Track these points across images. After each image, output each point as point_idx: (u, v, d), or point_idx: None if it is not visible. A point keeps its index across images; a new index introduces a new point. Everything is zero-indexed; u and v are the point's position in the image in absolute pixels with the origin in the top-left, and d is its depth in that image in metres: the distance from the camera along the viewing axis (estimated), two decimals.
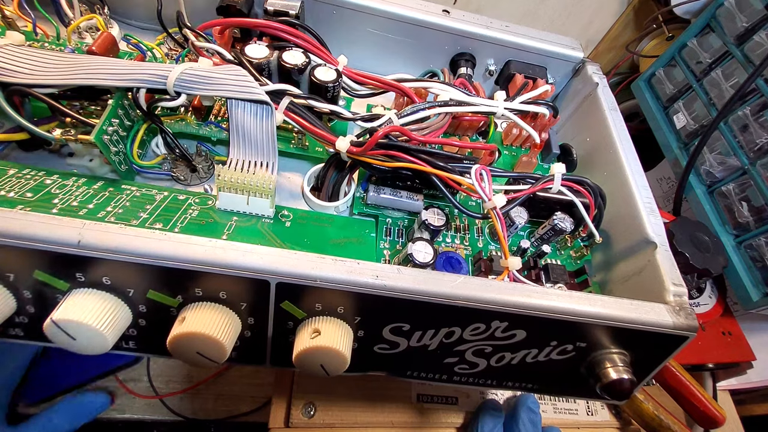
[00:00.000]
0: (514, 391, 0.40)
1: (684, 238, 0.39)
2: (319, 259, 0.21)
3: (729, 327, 0.47)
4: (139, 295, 0.21)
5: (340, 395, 0.41)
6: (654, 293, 0.26)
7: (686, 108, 0.49)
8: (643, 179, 0.31)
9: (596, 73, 0.38)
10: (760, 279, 0.40)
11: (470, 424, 0.41)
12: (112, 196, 0.26)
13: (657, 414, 0.41)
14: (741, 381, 0.48)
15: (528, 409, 0.39)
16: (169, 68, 0.26)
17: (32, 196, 0.24)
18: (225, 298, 0.22)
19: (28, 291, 0.21)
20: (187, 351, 0.21)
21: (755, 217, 0.41)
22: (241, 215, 0.27)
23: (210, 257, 0.20)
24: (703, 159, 0.46)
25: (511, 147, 0.38)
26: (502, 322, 0.23)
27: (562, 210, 0.30)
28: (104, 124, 0.25)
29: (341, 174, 0.29)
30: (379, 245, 0.29)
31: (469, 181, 0.26)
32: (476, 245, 0.31)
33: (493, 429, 0.38)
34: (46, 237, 0.19)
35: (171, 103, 0.26)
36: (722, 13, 0.46)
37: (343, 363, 0.22)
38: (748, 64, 0.43)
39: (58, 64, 0.26)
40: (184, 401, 0.48)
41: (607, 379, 0.25)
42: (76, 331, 0.20)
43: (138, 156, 0.28)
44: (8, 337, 0.23)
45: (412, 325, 0.23)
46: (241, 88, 0.26)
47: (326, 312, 0.23)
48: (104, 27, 0.31)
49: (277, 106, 0.27)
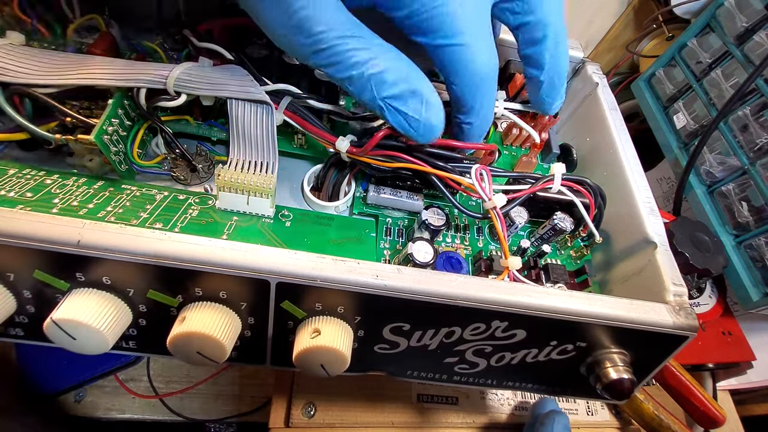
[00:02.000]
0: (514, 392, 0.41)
1: (684, 238, 0.39)
2: (319, 258, 0.21)
3: (729, 327, 0.47)
4: (139, 295, 0.21)
5: (340, 395, 0.41)
6: (654, 293, 0.26)
7: (686, 108, 0.49)
8: (643, 179, 0.31)
9: (596, 73, 0.38)
10: (760, 279, 0.40)
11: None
12: (112, 196, 0.26)
13: (657, 414, 0.41)
14: (741, 381, 0.48)
15: (557, 413, 0.38)
16: (169, 68, 0.26)
17: (32, 196, 0.24)
18: (225, 297, 0.22)
19: (28, 291, 0.21)
20: (188, 351, 0.21)
21: (755, 217, 0.41)
22: (241, 215, 0.27)
23: (210, 257, 0.20)
24: (703, 159, 0.46)
25: (511, 147, 0.38)
26: (502, 322, 0.23)
27: (562, 210, 0.30)
28: (104, 123, 0.25)
29: (341, 174, 0.29)
30: (379, 245, 0.29)
31: (469, 181, 0.26)
32: (476, 245, 0.31)
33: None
34: (46, 237, 0.19)
35: (171, 103, 0.26)
36: (722, 13, 0.46)
37: (344, 363, 0.22)
38: (748, 64, 0.43)
39: (58, 64, 0.26)
40: (184, 401, 0.48)
41: (607, 379, 0.25)
42: (76, 330, 0.20)
43: (138, 156, 0.28)
44: (8, 337, 0.23)
45: (412, 324, 0.23)
46: (241, 88, 0.26)
47: (326, 312, 0.23)
48: (104, 27, 0.31)
49: (277, 106, 0.27)
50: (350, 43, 0.21)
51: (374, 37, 0.22)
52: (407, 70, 0.22)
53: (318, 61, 0.22)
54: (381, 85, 0.22)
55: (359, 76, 0.22)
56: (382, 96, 0.22)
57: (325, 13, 0.21)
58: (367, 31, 0.22)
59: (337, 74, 0.22)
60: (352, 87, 0.22)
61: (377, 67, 0.21)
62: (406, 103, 0.22)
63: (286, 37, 0.22)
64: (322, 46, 0.21)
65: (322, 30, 0.21)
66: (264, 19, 0.22)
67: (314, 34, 0.21)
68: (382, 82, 0.22)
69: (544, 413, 0.38)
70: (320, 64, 0.22)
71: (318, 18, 0.21)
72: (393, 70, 0.22)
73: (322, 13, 0.21)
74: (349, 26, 0.21)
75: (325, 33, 0.21)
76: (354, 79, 0.22)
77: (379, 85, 0.22)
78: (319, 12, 0.21)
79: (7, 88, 0.25)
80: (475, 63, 0.23)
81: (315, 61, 0.22)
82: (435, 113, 0.23)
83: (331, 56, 0.21)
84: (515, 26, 0.25)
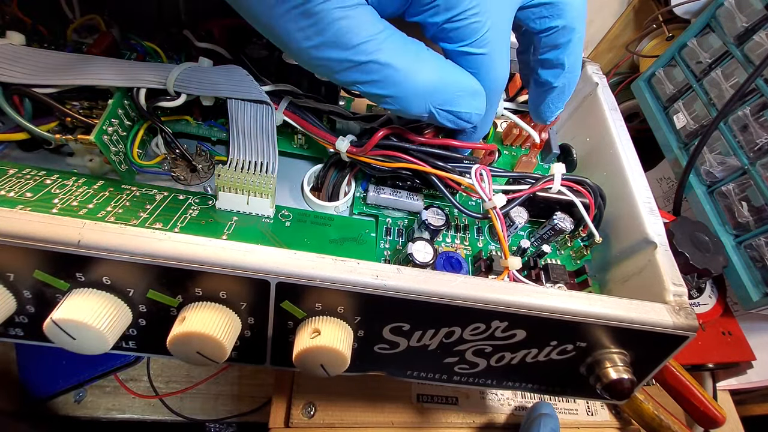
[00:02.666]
0: (514, 392, 0.41)
1: (684, 238, 0.39)
2: (319, 258, 0.21)
3: (729, 327, 0.47)
4: (139, 295, 0.21)
5: (340, 395, 0.41)
6: (654, 293, 0.26)
7: (686, 108, 0.49)
8: (643, 179, 0.31)
9: (596, 73, 0.38)
10: (760, 279, 0.40)
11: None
12: (112, 196, 0.26)
13: (657, 414, 0.41)
14: (741, 381, 0.48)
15: (547, 416, 0.38)
16: (169, 68, 0.26)
17: (32, 196, 0.24)
18: (225, 297, 0.22)
19: (28, 291, 0.21)
20: (188, 351, 0.21)
21: (755, 217, 0.41)
22: (241, 215, 0.27)
23: (210, 257, 0.20)
24: (703, 159, 0.46)
25: (511, 147, 0.38)
26: (502, 322, 0.23)
27: (562, 210, 0.30)
28: (104, 124, 0.25)
29: (341, 174, 0.29)
30: (379, 245, 0.29)
31: (469, 181, 0.26)
32: (476, 245, 0.31)
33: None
34: (46, 237, 0.19)
35: (171, 103, 0.26)
36: (722, 13, 0.46)
37: (344, 363, 0.22)
38: (748, 64, 0.43)
39: (58, 64, 0.26)
40: (184, 401, 0.48)
41: (607, 379, 0.25)
42: (76, 330, 0.20)
43: (138, 156, 0.28)
44: (8, 337, 0.23)
45: (412, 324, 0.23)
46: (240, 88, 0.26)
47: (326, 312, 0.23)
48: (104, 27, 0.31)
49: (276, 106, 0.27)
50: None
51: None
52: (450, 68, 0.22)
53: (353, 77, 0.20)
54: (433, 95, 0.21)
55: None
56: (435, 105, 0.21)
57: (365, 23, 0.19)
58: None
59: (375, 91, 0.20)
60: (397, 105, 0.21)
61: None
62: (459, 103, 0.22)
63: (316, 50, 0.19)
64: (363, 59, 0.19)
65: (362, 41, 0.19)
66: (282, 31, 0.19)
67: (353, 46, 0.19)
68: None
69: (535, 415, 0.38)
70: (356, 80, 0.20)
71: (358, 28, 0.19)
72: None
73: (361, 23, 0.19)
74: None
75: (365, 44, 0.19)
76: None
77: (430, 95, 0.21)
78: (358, 22, 0.19)
79: (8, 88, 0.25)
80: (492, 73, 0.23)
81: (349, 78, 0.20)
82: (481, 101, 0.23)
83: (371, 72, 0.20)
84: (539, 30, 0.25)
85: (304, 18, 0.18)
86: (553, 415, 0.39)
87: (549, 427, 0.37)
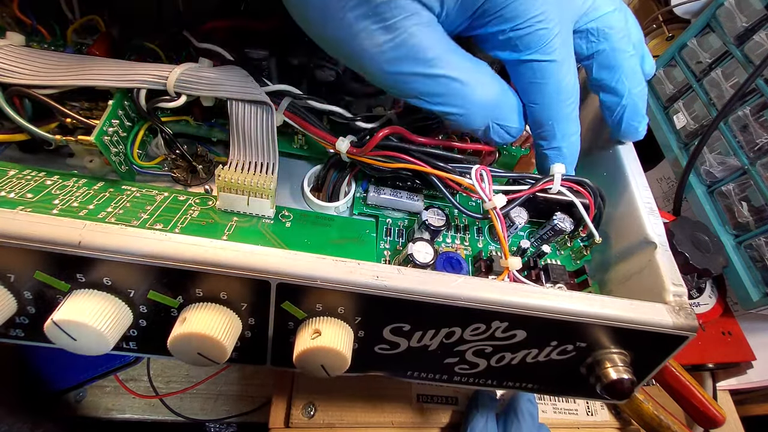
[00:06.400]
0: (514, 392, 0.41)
1: (684, 238, 0.39)
2: (320, 259, 0.21)
3: (729, 327, 0.47)
4: (140, 296, 0.22)
5: (340, 395, 0.41)
6: (654, 293, 0.26)
7: (686, 108, 0.49)
8: (643, 179, 0.31)
9: None
10: (760, 279, 0.40)
11: (463, 423, 0.40)
12: (113, 197, 0.26)
13: (657, 414, 0.41)
14: (741, 381, 0.48)
15: (528, 401, 0.39)
16: (169, 69, 0.26)
17: (33, 197, 0.24)
18: (225, 298, 0.22)
19: (29, 292, 0.21)
20: (188, 351, 0.21)
21: (755, 217, 0.41)
22: (241, 215, 0.27)
23: (210, 258, 0.20)
24: (703, 159, 0.46)
25: (511, 147, 0.38)
26: (502, 323, 0.23)
27: (561, 210, 0.30)
28: (104, 124, 0.25)
29: (341, 174, 0.29)
30: (380, 245, 0.29)
31: (469, 182, 0.26)
32: (476, 245, 0.31)
33: (486, 425, 0.38)
34: (46, 238, 0.19)
35: (171, 103, 0.26)
36: (722, 13, 0.46)
37: (344, 363, 0.22)
38: (748, 64, 0.43)
39: (58, 64, 0.26)
40: (184, 401, 0.48)
41: (607, 379, 0.25)
42: (77, 331, 0.20)
43: (138, 156, 0.28)
44: (9, 338, 0.23)
45: (412, 325, 0.23)
46: (241, 88, 0.26)
47: (327, 312, 0.23)
48: (104, 27, 0.31)
49: (277, 107, 0.27)
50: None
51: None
52: (506, 86, 0.23)
53: (423, 89, 0.21)
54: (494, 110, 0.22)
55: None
56: (493, 120, 0.22)
57: (438, 40, 0.20)
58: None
59: (442, 105, 0.21)
60: (462, 119, 0.22)
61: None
62: (511, 119, 0.23)
63: (389, 65, 0.20)
64: (436, 72, 0.20)
65: (435, 56, 0.20)
66: (355, 46, 0.20)
67: (427, 60, 0.20)
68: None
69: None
70: (426, 92, 0.21)
71: (432, 44, 0.20)
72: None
73: (434, 39, 0.20)
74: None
75: (437, 59, 0.20)
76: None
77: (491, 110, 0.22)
78: (433, 38, 0.20)
79: (7, 89, 0.25)
80: (563, 81, 0.23)
81: (419, 90, 0.21)
82: (522, 117, 0.24)
83: (441, 85, 0.21)
84: (587, 56, 0.25)
85: (383, 33, 0.19)
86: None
87: (525, 398, 0.38)
